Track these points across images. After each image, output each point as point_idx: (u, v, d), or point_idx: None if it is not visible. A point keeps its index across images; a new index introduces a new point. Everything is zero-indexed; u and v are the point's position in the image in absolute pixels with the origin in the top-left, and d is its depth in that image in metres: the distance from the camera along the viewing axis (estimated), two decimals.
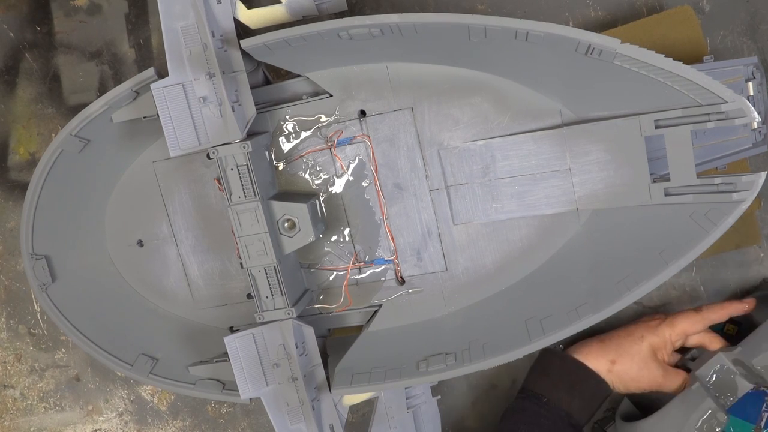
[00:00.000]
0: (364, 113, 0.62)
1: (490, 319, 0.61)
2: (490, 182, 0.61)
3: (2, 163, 0.78)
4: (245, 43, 0.55)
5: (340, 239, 0.65)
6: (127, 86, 0.59)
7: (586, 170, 0.58)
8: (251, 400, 0.73)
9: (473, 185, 0.61)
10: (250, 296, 0.68)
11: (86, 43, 0.74)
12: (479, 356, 0.56)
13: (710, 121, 0.52)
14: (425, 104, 0.61)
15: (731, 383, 0.59)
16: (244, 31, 0.60)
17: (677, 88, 0.51)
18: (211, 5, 0.56)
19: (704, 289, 0.69)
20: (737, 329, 0.67)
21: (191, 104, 0.55)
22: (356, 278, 0.66)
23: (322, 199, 0.64)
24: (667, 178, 0.55)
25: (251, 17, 0.59)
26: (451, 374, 0.57)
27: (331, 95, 0.62)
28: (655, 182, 0.56)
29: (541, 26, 0.50)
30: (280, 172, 0.65)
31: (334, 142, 0.63)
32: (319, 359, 0.61)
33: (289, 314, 0.59)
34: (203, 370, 0.65)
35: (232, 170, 0.57)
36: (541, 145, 0.59)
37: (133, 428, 0.81)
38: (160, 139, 0.65)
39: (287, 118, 0.64)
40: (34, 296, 0.79)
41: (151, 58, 0.74)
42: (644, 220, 0.57)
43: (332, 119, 0.63)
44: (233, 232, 0.58)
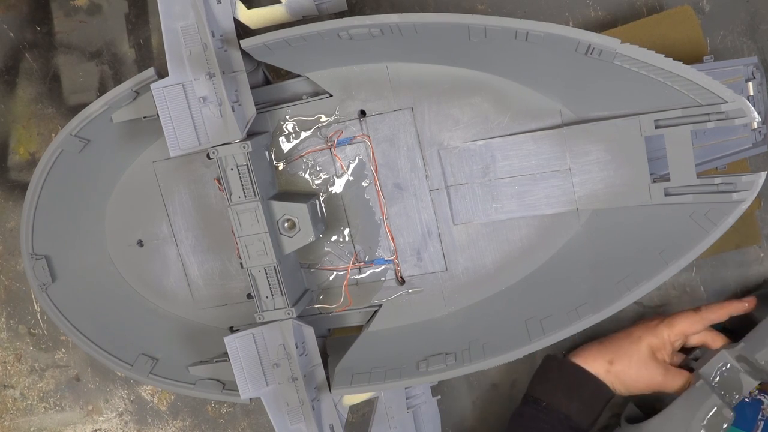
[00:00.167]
0: (364, 113, 0.62)
1: (490, 319, 0.61)
2: (490, 182, 0.61)
3: (2, 163, 0.78)
4: (245, 43, 0.55)
5: (340, 239, 0.65)
6: (127, 86, 0.59)
7: (586, 170, 0.58)
8: (251, 400, 0.73)
9: (473, 185, 0.61)
10: (250, 296, 0.68)
11: (86, 43, 0.74)
12: (479, 356, 0.56)
13: (710, 121, 0.52)
14: (425, 104, 0.61)
15: (736, 380, 0.58)
16: (244, 31, 0.60)
17: (677, 88, 0.51)
18: (211, 5, 0.56)
19: (704, 289, 0.69)
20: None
21: (191, 104, 0.55)
22: (356, 278, 0.66)
23: (322, 199, 0.64)
24: (667, 178, 0.55)
25: (251, 17, 0.59)
26: (451, 374, 0.57)
27: (331, 95, 0.62)
28: (655, 182, 0.56)
29: (541, 26, 0.50)
30: (280, 172, 0.65)
31: (334, 142, 0.63)
32: (319, 359, 0.61)
33: (289, 314, 0.59)
34: (203, 370, 0.65)
35: (232, 170, 0.57)
36: (541, 145, 0.59)
37: (133, 428, 0.81)
38: (160, 139, 0.65)
39: (287, 118, 0.64)
40: (34, 296, 0.79)
41: (151, 58, 0.74)
42: (644, 220, 0.57)
43: (332, 119, 0.63)
44: (233, 232, 0.58)
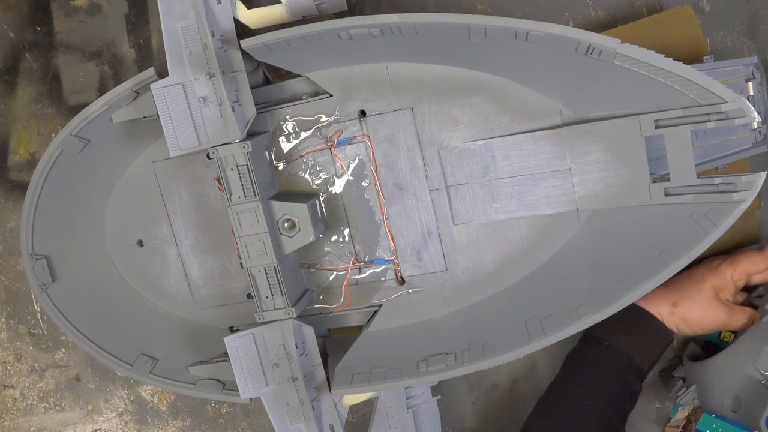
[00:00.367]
0: (364, 113, 0.62)
1: (490, 319, 0.61)
2: (490, 182, 0.61)
3: (2, 163, 0.78)
4: (245, 43, 0.55)
5: (340, 239, 0.65)
6: (127, 86, 0.59)
7: (586, 170, 0.58)
8: (251, 400, 0.73)
9: (473, 185, 0.61)
10: (250, 296, 0.68)
11: (86, 43, 0.74)
12: (479, 356, 0.56)
13: (710, 121, 0.52)
14: (425, 104, 0.61)
15: None
16: (244, 31, 0.60)
17: (677, 88, 0.51)
18: (211, 5, 0.56)
19: None
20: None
21: (191, 104, 0.55)
22: (356, 278, 0.66)
23: (322, 199, 0.64)
24: (667, 178, 0.55)
25: (251, 17, 0.59)
26: (451, 374, 0.57)
27: (331, 95, 0.62)
28: (655, 182, 0.56)
29: (541, 26, 0.50)
30: (280, 172, 0.65)
31: (334, 142, 0.63)
32: (319, 359, 0.61)
33: (289, 314, 0.59)
34: (203, 370, 0.65)
35: (232, 170, 0.57)
36: (541, 145, 0.59)
37: (133, 428, 0.81)
38: (160, 139, 0.65)
39: (287, 118, 0.64)
40: (34, 296, 0.79)
41: (151, 58, 0.74)
42: (644, 220, 0.57)
43: (332, 119, 0.63)
44: (233, 232, 0.58)
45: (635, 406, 0.62)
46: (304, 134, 0.64)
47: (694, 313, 0.61)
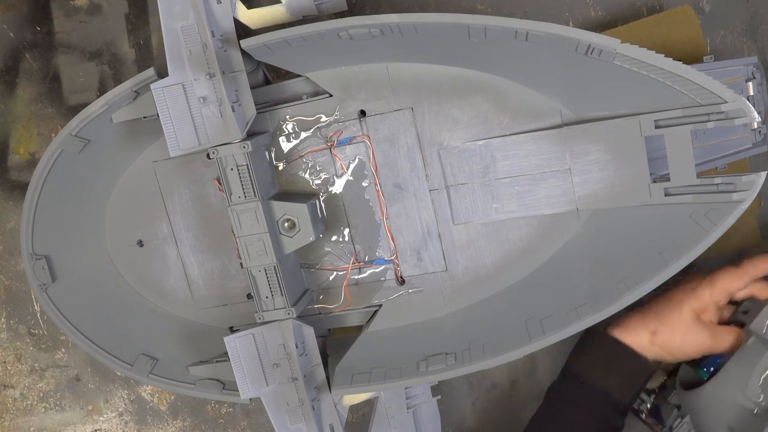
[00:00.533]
0: (364, 113, 0.62)
1: (490, 319, 0.61)
2: (490, 182, 0.61)
3: (2, 163, 0.78)
4: (245, 43, 0.55)
5: (340, 239, 0.65)
6: (127, 86, 0.59)
7: (586, 170, 0.58)
8: (251, 400, 0.73)
9: (473, 185, 0.61)
10: (250, 296, 0.68)
11: (86, 43, 0.74)
12: (479, 356, 0.56)
13: (710, 121, 0.52)
14: (425, 104, 0.61)
15: None
16: (244, 31, 0.60)
17: (677, 88, 0.51)
18: (211, 5, 0.56)
19: None
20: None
21: (191, 104, 0.55)
22: (356, 278, 0.66)
23: (322, 199, 0.64)
24: (667, 178, 0.55)
25: (251, 17, 0.59)
26: (451, 374, 0.57)
27: (331, 95, 0.62)
28: (655, 182, 0.56)
29: (541, 26, 0.50)
30: (280, 172, 0.65)
31: (334, 142, 0.63)
32: (319, 359, 0.61)
33: (289, 314, 0.59)
34: (203, 370, 0.65)
35: (232, 170, 0.57)
36: (541, 145, 0.59)
37: (133, 428, 0.81)
38: (160, 139, 0.65)
39: (287, 118, 0.64)
40: (34, 296, 0.79)
41: (151, 58, 0.74)
42: (644, 220, 0.57)
43: (332, 119, 0.63)
44: (233, 232, 0.58)
45: None
46: (304, 134, 0.64)
47: (675, 340, 0.58)
